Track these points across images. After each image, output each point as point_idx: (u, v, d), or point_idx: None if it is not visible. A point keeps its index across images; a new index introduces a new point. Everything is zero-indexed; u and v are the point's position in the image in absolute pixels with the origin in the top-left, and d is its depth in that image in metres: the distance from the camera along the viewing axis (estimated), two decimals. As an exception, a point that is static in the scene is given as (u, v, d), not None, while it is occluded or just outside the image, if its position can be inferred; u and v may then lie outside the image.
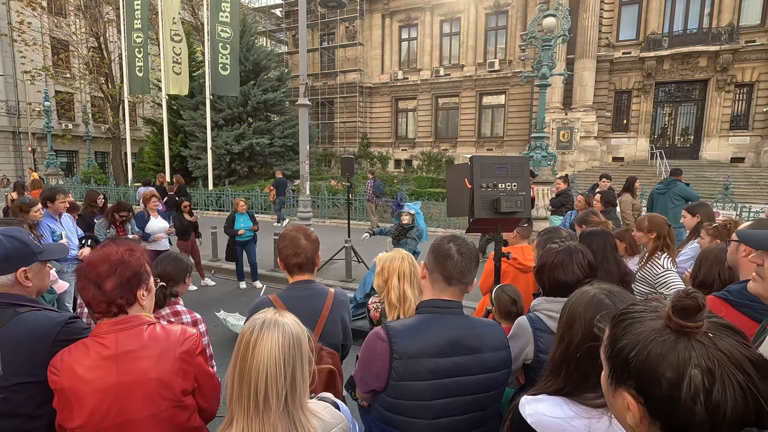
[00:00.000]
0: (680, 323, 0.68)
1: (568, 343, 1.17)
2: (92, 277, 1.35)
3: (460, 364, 1.45)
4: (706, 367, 0.63)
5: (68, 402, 1.31)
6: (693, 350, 0.65)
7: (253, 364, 1.05)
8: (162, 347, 1.38)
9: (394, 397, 1.45)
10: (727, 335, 0.68)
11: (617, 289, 1.23)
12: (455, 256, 1.51)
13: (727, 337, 0.67)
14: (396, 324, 1.51)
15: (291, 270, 1.97)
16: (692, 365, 0.64)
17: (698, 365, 0.64)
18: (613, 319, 0.79)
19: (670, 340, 0.68)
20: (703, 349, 0.65)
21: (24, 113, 26.59)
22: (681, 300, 0.68)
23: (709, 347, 0.65)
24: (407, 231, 5.80)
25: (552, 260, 1.68)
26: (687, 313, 0.67)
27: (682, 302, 0.68)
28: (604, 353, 0.80)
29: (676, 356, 0.66)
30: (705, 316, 0.68)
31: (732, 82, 20.30)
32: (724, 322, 0.70)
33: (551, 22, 9.82)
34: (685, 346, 0.66)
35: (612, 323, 0.79)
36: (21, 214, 4.29)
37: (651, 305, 0.76)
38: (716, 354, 0.64)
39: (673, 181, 6.67)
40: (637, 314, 0.75)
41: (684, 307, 0.68)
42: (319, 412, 1.16)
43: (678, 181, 6.67)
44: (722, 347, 0.65)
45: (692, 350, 0.65)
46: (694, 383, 0.63)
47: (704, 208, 3.74)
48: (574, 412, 1.07)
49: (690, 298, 0.68)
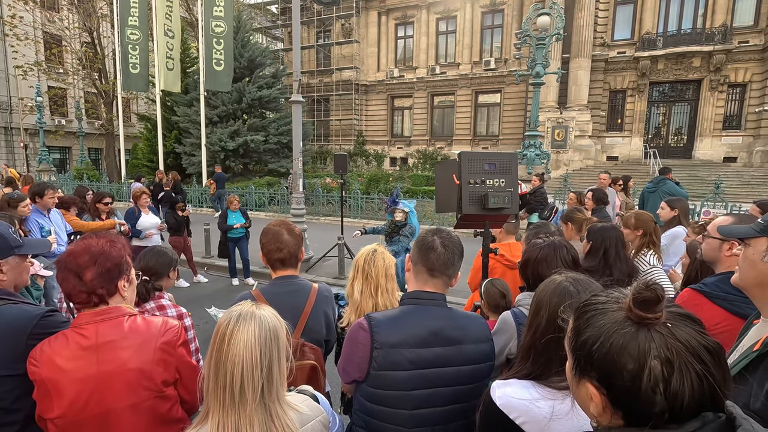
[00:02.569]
0: (640, 314, 0.69)
1: (534, 329, 1.20)
2: (72, 268, 1.34)
3: (441, 355, 1.46)
4: (665, 358, 0.65)
5: (47, 392, 1.31)
6: (653, 341, 0.66)
7: (228, 356, 1.05)
8: (143, 338, 1.38)
9: (375, 387, 1.46)
10: (685, 325, 0.69)
11: (583, 277, 1.26)
12: (438, 249, 1.52)
13: (685, 327, 0.68)
14: (378, 315, 1.52)
15: (274, 265, 1.95)
16: (652, 356, 0.65)
17: (657, 356, 0.65)
18: (577, 310, 0.80)
19: (631, 332, 0.69)
20: (662, 340, 0.66)
21: (16, 109, 26.33)
22: (641, 292, 0.69)
23: (667, 337, 0.67)
24: (400, 228, 5.80)
25: (536, 255, 1.70)
26: (647, 305, 0.69)
27: (642, 294, 0.69)
28: (568, 345, 0.81)
29: (636, 348, 0.67)
30: (664, 306, 0.69)
31: (725, 83, 20.46)
32: (682, 312, 0.71)
33: (545, 21, 9.85)
34: (645, 337, 0.67)
35: (575, 314, 0.80)
36: (9, 209, 4.26)
37: (612, 296, 0.77)
38: (674, 344, 0.66)
39: (663, 180, 6.73)
40: (600, 305, 0.76)
41: (644, 299, 0.69)
42: (296, 405, 1.16)
43: (667, 180, 6.72)
44: (680, 337, 0.67)
45: (652, 341, 0.67)
46: (653, 374, 0.65)
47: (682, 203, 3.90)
48: (539, 394, 1.12)
49: (649, 290, 0.69)
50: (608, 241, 2.18)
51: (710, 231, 1.89)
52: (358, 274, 1.99)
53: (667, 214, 3.83)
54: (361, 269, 1.98)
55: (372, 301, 1.95)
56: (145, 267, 2.24)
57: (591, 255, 2.21)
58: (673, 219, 3.74)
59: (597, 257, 2.19)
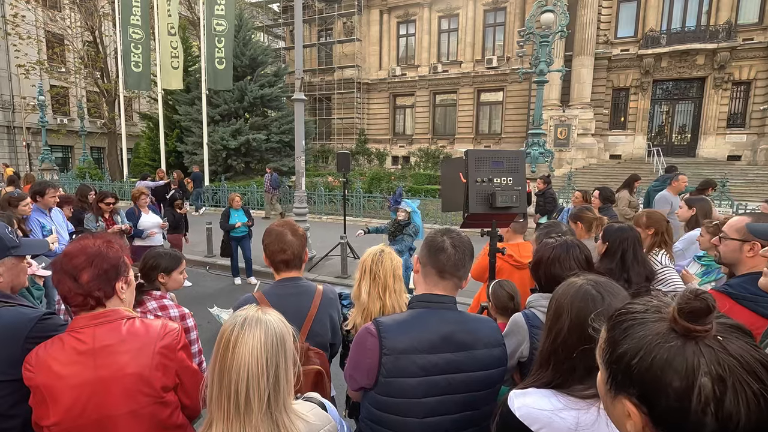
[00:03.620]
0: (687, 326, 0.62)
1: (555, 335, 1.14)
2: (68, 269, 1.30)
3: (453, 361, 1.41)
4: (717, 375, 0.58)
5: (43, 399, 1.26)
6: (702, 356, 0.60)
7: (233, 363, 1.00)
8: (141, 342, 1.33)
9: (384, 395, 1.40)
10: (736, 337, 0.62)
11: (604, 280, 1.20)
12: (449, 249, 1.46)
13: (737, 340, 0.61)
14: (386, 319, 1.47)
15: (277, 267, 1.89)
16: (702, 373, 0.59)
17: (708, 373, 0.59)
18: (611, 319, 0.73)
19: (677, 346, 0.62)
20: (712, 355, 0.60)
21: (19, 108, 26.34)
22: (689, 302, 0.62)
23: (719, 352, 0.60)
24: (403, 227, 5.75)
25: (548, 255, 1.64)
26: (695, 316, 0.62)
27: (691, 304, 0.62)
28: (601, 357, 0.74)
29: (684, 363, 0.60)
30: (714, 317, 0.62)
31: (729, 80, 20.32)
32: (733, 323, 0.64)
33: (549, 18, 9.76)
34: (694, 351, 0.61)
35: (609, 324, 0.73)
36: (9, 208, 4.22)
37: (652, 305, 0.70)
38: (727, 360, 0.59)
39: (669, 178, 6.64)
40: (638, 315, 0.69)
41: (692, 309, 0.62)
42: (304, 414, 1.11)
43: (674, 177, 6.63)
44: (733, 352, 0.60)
45: (701, 356, 0.60)
46: (704, 393, 0.58)
47: (702, 202, 3.69)
48: (562, 404, 1.06)
49: (699, 300, 0.62)
50: (626, 243, 2.11)
51: (727, 232, 1.83)
52: (365, 275, 1.93)
53: (685, 214, 3.64)
54: (369, 270, 1.92)
55: (380, 303, 1.89)
56: (156, 265, 2.21)
57: (607, 257, 2.14)
58: (691, 219, 3.51)
59: (614, 259, 2.13)
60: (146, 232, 5.73)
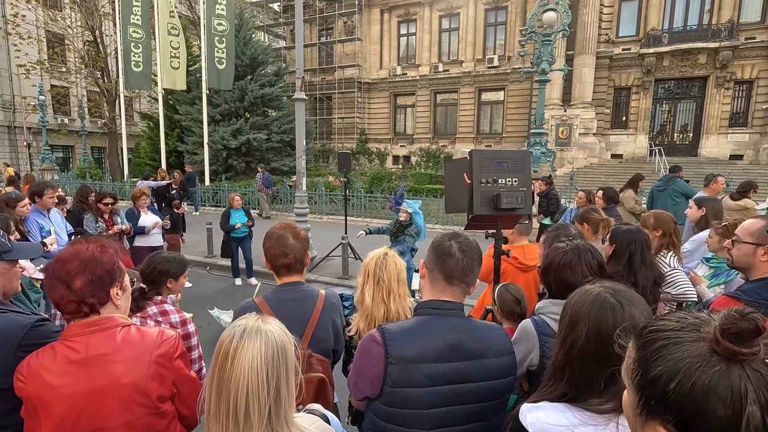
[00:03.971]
0: (731, 349, 0.57)
1: (570, 346, 1.08)
2: (61, 275, 1.25)
3: (461, 370, 1.35)
4: (766, 403, 0.53)
5: (35, 410, 1.21)
6: (749, 382, 0.54)
7: (232, 376, 0.95)
8: (137, 350, 1.28)
9: (389, 405, 1.35)
10: None
11: (622, 287, 1.14)
12: (456, 254, 1.41)
13: None
14: (392, 326, 1.41)
15: (278, 271, 1.83)
16: (750, 401, 0.53)
17: (757, 401, 0.53)
18: (640, 336, 0.67)
19: (721, 370, 0.56)
20: (760, 381, 0.55)
21: (19, 107, 26.32)
22: (735, 322, 0.57)
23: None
24: (405, 228, 5.71)
25: (559, 260, 1.58)
26: (742, 338, 0.56)
27: (737, 325, 0.57)
28: (630, 377, 0.68)
29: (729, 390, 0.55)
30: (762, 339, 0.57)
31: (731, 79, 20.23)
32: None
33: (551, 17, 9.72)
34: (740, 376, 0.55)
35: (639, 342, 0.67)
36: (7, 210, 4.17)
37: (688, 322, 0.64)
38: None
39: (673, 178, 6.55)
40: (672, 334, 0.63)
41: (739, 331, 0.57)
42: (306, 428, 1.06)
43: (677, 178, 6.55)
44: None
45: (748, 382, 0.54)
46: (753, 423, 0.53)
47: (712, 202, 3.62)
48: (578, 419, 1.00)
49: (746, 320, 0.57)
50: (633, 245, 2.06)
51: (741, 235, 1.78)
52: (369, 279, 1.87)
53: (695, 214, 3.56)
54: (373, 274, 1.87)
55: (384, 308, 1.84)
56: (142, 273, 2.17)
57: (614, 259, 2.09)
58: (701, 220, 3.43)
59: (621, 262, 2.08)
60: (147, 227, 5.74)
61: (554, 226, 2.33)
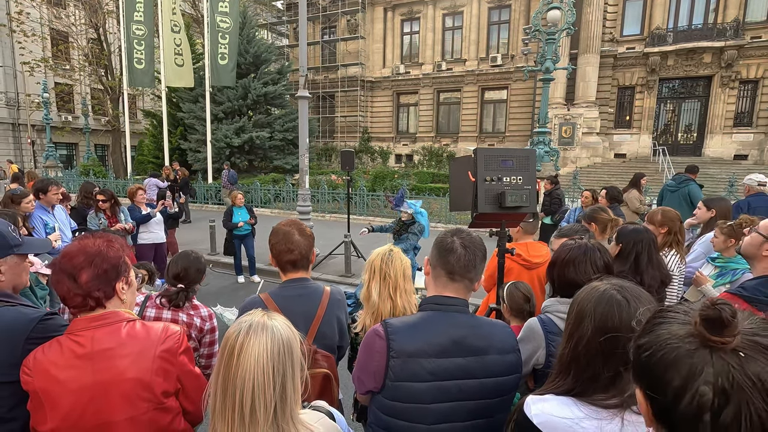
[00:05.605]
0: (704, 334, 0.62)
1: (576, 342, 1.09)
2: (67, 269, 1.25)
3: (464, 366, 1.35)
4: (721, 388, 0.58)
5: (41, 404, 1.22)
6: (711, 366, 0.60)
7: (238, 372, 0.95)
8: (141, 345, 1.29)
9: (391, 399, 1.36)
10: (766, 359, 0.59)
11: (629, 284, 1.14)
12: (459, 250, 1.41)
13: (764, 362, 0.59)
14: (396, 321, 1.42)
15: (284, 267, 1.85)
16: (703, 380, 0.59)
17: (710, 382, 0.59)
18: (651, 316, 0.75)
19: (688, 349, 0.63)
20: (724, 368, 0.59)
21: (23, 105, 26.42)
22: (705, 309, 0.63)
23: (733, 368, 0.58)
24: (408, 226, 5.70)
25: (564, 256, 1.57)
26: (712, 325, 0.61)
27: (706, 312, 0.62)
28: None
29: (687, 367, 0.62)
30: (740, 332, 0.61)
31: (736, 79, 20.12)
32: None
33: (555, 15, 9.67)
34: (703, 359, 0.61)
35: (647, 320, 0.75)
36: (12, 206, 4.19)
37: (685, 308, 0.70)
38: (739, 377, 0.57)
39: (687, 181, 6.18)
40: (670, 315, 0.70)
41: (706, 317, 0.62)
42: (311, 425, 1.06)
43: (692, 182, 6.18)
44: (750, 371, 0.58)
45: (709, 366, 0.60)
46: (699, 400, 0.59)
47: (722, 203, 3.56)
48: (583, 413, 1.01)
49: (712, 309, 0.61)
50: (640, 245, 2.05)
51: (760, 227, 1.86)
52: (375, 275, 1.88)
53: (704, 215, 3.51)
54: (379, 270, 1.87)
55: (390, 303, 1.84)
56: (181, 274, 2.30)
57: (620, 259, 2.08)
58: (710, 221, 3.36)
59: (627, 262, 2.07)
60: (152, 211, 5.81)
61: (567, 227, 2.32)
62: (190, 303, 2.24)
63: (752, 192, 5.09)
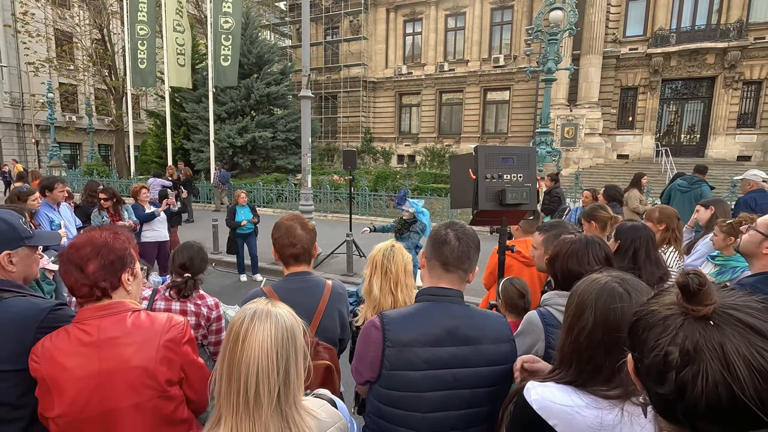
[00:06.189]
0: (681, 303, 0.67)
1: (578, 333, 1.09)
2: (75, 260, 1.29)
3: (457, 355, 1.39)
4: (686, 350, 0.63)
5: (48, 390, 1.25)
6: (681, 330, 0.65)
7: (242, 357, 0.98)
8: (146, 335, 1.32)
9: (387, 388, 1.39)
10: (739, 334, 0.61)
11: (629, 277, 1.15)
12: (452, 242, 1.45)
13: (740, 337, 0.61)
14: (392, 312, 1.46)
15: (286, 261, 1.89)
16: (672, 342, 0.65)
17: (677, 344, 0.64)
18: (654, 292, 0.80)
19: (664, 314, 0.69)
20: (692, 333, 0.63)
21: (28, 105, 26.58)
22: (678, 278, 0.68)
23: (701, 333, 0.63)
24: (410, 225, 5.73)
25: (567, 250, 1.59)
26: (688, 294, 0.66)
27: (680, 281, 0.67)
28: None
29: (660, 329, 0.68)
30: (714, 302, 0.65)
31: (740, 80, 20.07)
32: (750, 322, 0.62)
33: (558, 16, 9.69)
34: (676, 323, 0.66)
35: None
36: (19, 203, 4.24)
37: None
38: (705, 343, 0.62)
39: (699, 182, 6.09)
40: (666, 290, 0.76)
41: (680, 285, 0.67)
42: (314, 411, 1.09)
43: (704, 183, 6.12)
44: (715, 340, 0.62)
45: (680, 329, 0.65)
46: (665, 358, 0.65)
47: (720, 203, 3.59)
48: (584, 402, 1.02)
49: (684, 277, 0.66)
50: (638, 242, 2.07)
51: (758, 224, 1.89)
52: (376, 270, 1.91)
53: (704, 216, 3.53)
54: (380, 265, 1.90)
55: (391, 298, 1.87)
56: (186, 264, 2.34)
57: (619, 255, 2.09)
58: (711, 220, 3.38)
59: (625, 258, 2.08)
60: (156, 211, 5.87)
61: (549, 223, 2.34)
62: (196, 293, 2.30)
63: (755, 188, 5.07)
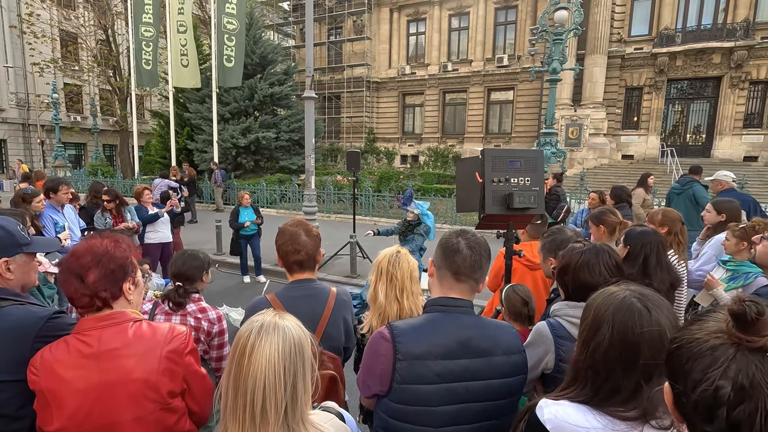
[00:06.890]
0: (732, 332, 0.61)
1: (593, 350, 1.04)
2: (75, 269, 1.26)
3: (469, 368, 1.34)
4: (740, 385, 0.58)
5: (47, 403, 1.22)
6: (733, 362, 0.60)
7: (249, 372, 0.95)
8: (147, 346, 1.29)
9: (398, 402, 1.35)
10: None
11: (649, 292, 1.09)
12: (464, 251, 1.40)
13: None
14: (401, 323, 1.41)
15: (290, 268, 1.85)
16: (723, 375, 0.60)
17: (731, 378, 0.59)
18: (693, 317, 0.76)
19: (711, 344, 0.63)
20: (747, 366, 0.58)
21: (33, 105, 26.72)
22: (733, 305, 0.62)
23: (761, 368, 0.58)
24: (414, 227, 5.69)
25: (577, 260, 1.54)
26: (741, 323, 0.60)
27: (733, 308, 0.62)
28: None
29: (708, 360, 0.62)
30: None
31: (746, 80, 19.89)
32: None
33: (563, 15, 9.62)
34: (726, 355, 0.61)
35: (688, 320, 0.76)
36: (23, 205, 4.24)
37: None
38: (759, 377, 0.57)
39: (691, 182, 6.09)
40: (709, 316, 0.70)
41: (733, 314, 0.61)
42: (322, 426, 1.06)
43: (696, 183, 6.09)
44: None
45: (732, 362, 0.60)
46: (715, 393, 0.59)
47: (732, 205, 3.47)
48: (600, 423, 0.97)
49: (739, 305, 0.61)
50: (648, 248, 2.01)
51: None
52: (381, 276, 1.86)
53: (713, 218, 3.43)
54: (386, 271, 1.85)
55: (397, 305, 1.83)
56: (178, 272, 2.22)
57: (628, 261, 2.04)
58: (719, 225, 3.29)
59: (635, 264, 2.03)
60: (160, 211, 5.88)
61: (549, 231, 2.29)
62: (196, 306, 2.19)
63: (726, 187, 5.07)
